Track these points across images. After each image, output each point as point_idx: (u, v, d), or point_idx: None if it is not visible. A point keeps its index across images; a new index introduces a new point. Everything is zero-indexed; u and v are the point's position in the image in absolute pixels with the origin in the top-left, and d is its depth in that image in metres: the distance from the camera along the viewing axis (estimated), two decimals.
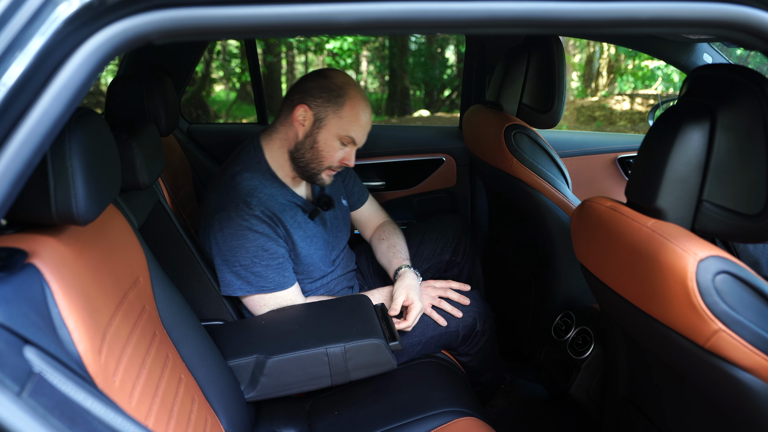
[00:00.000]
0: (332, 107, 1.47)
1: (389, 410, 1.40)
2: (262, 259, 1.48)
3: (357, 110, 1.48)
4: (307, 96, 1.48)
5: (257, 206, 1.48)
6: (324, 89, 1.47)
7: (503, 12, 0.66)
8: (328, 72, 1.51)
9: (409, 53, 10.10)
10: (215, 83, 10.15)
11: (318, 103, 1.48)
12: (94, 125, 0.86)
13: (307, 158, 1.52)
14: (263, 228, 1.48)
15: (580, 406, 1.58)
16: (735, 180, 0.91)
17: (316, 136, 1.49)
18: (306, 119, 1.49)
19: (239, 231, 1.46)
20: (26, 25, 0.60)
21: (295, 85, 1.54)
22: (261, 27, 0.64)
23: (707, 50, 2.07)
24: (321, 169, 1.54)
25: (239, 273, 1.49)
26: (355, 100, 1.48)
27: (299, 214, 1.58)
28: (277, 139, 1.56)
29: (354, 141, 1.51)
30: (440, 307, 1.62)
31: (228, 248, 1.47)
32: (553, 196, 1.70)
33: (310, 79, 1.51)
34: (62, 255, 0.82)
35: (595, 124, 8.53)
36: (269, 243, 1.49)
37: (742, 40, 0.73)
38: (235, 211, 1.46)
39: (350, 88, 1.49)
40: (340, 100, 1.47)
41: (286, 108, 1.54)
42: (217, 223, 1.48)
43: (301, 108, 1.48)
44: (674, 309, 0.90)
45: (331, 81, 1.48)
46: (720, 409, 0.99)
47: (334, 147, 1.50)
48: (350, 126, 1.48)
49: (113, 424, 0.64)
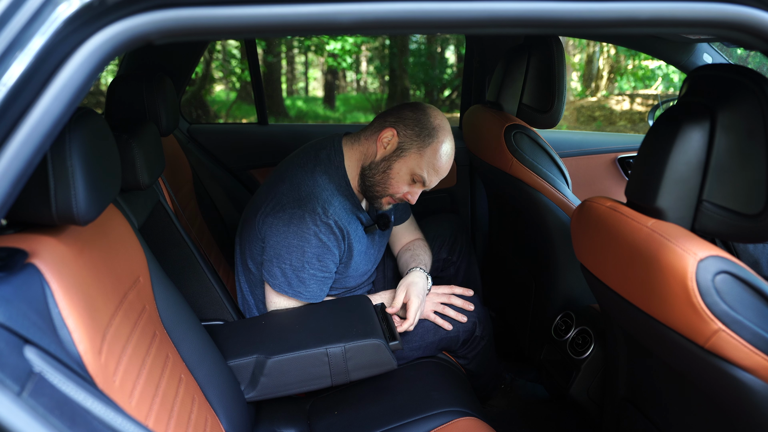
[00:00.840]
0: (418, 143, 1.47)
1: (389, 410, 1.40)
2: (313, 266, 1.49)
3: (439, 155, 1.48)
4: (401, 123, 1.48)
5: (332, 215, 1.48)
6: (418, 123, 1.47)
7: (503, 12, 0.66)
8: (429, 109, 1.51)
9: (409, 53, 10.10)
10: (215, 83, 10.16)
11: (407, 134, 1.47)
12: (94, 125, 0.86)
13: (375, 179, 1.52)
14: (329, 239, 1.48)
15: (580, 406, 1.58)
16: (735, 180, 0.91)
17: (392, 162, 1.49)
18: (390, 143, 1.49)
19: (306, 233, 1.46)
20: (26, 25, 0.60)
21: (394, 108, 1.54)
22: (261, 27, 0.64)
23: (707, 50, 2.08)
24: (384, 194, 1.53)
25: (286, 271, 1.49)
26: (442, 145, 1.48)
27: (359, 227, 1.59)
28: (358, 150, 1.55)
29: (424, 182, 1.51)
30: (444, 313, 1.63)
31: (286, 244, 1.47)
32: (553, 196, 1.70)
33: (409, 108, 1.51)
34: (62, 255, 0.82)
35: (595, 124, 8.54)
36: (326, 255, 1.49)
37: (742, 40, 0.73)
38: (310, 213, 1.46)
39: (442, 132, 1.48)
40: (429, 140, 1.47)
41: (376, 125, 1.53)
42: (287, 217, 1.47)
43: (390, 131, 1.48)
44: (674, 309, 0.90)
45: (429, 119, 1.48)
46: (720, 409, 0.99)
47: (404, 179, 1.50)
48: (427, 167, 1.48)
49: (113, 424, 0.64)
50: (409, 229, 1.89)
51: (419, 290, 1.57)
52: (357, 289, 1.70)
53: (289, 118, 9.92)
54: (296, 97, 12.45)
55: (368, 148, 1.53)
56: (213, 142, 2.51)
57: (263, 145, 2.56)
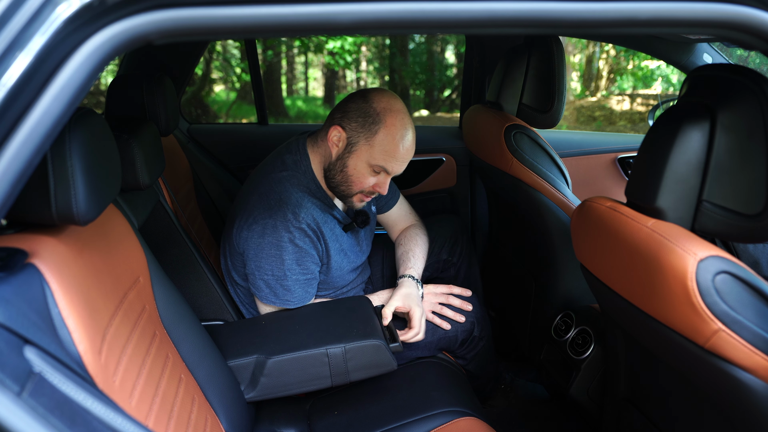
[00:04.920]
0: (364, 134, 1.41)
1: (389, 410, 1.40)
2: (294, 272, 1.48)
3: (391, 140, 1.40)
4: (345, 117, 1.43)
5: (304, 219, 1.45)
6: (361, 113, 1.41)
7: (503, 12, 0.66)
8: (371, 94, 1.44)
9: (409, 53, 10.10)
10: (215, 83, 10.15)
11: (352, 127, 1.42)
12: (94, 125, 0.86)
13: (337, 180, 1.49)
14: (305, 242, 1.47)
15: (580, 406, 1.58)
16: (735, 180, 0.91)
17: (346, 160, 1.45)
18: (340, 141, 1.44)
19: (281, 242, 1.45)
20: (26, 25, 0.60)
21: (341, 102, 1.48)
22: (261, 27, 0.64)
23: (707, 50, 2.07)
24: (351, 193, 1.50)
25: (269, 282, 1.49)
26: (391, 128, 1.40)
27: (336, 226, 1.57)
28: (318, 152, 1.52)
29: (386, 171, 1.45)
30: (442, 313, 1.62)
31: (265, 256, 1.46)
32: (553, 196, 1.70)
33: (352, 99, 1.45)
34: (62, 255, 0.82)
35: (595, 124, 8.54)
36: (305, 258, 1.48)
37: (742, 40, 0.73)
38: (281, 221, 1.44)
39: (389, 115, 1.40)
40: (375, 127, 1.40)
41: (327, 124, 1.49)
42: (260, 229, 1.45)
43: (336, 129, 1.44)
44: (674, 309, 0.90)
45: (371, 105, 1.41)
46: (720, 408, 0.99)
47: (364, 174, 1.45)
48: (381, 156, 1.42)
49: (113, 424, 0.64)
50: (402, 215, 1.84)
51: (416, 299, 1.56)
52: (350, 288, 1.69)
53: (289, 118, 9.92)
54: (296, 97, 12.45)
55: (325, 150, 1.50)
56: (213, 142, 2.51)
57: (263, 145, 2.56)
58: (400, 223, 1.84)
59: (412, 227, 1.82)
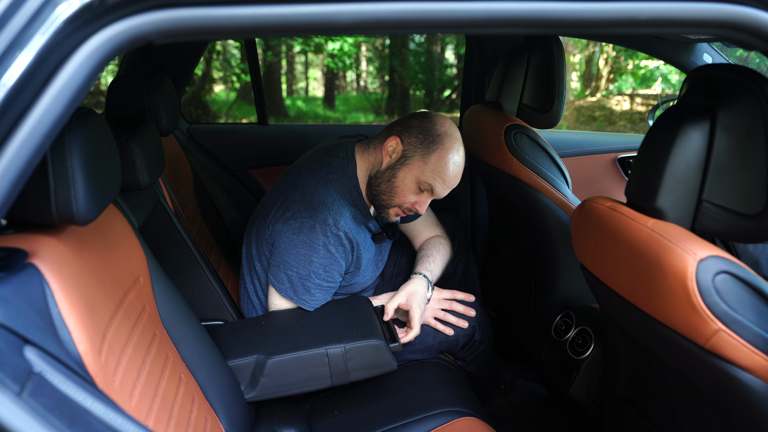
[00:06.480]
0: (421, 150, 1.46)
1: (389, 410, 1.40)
2: (319, 276, 1.49)
3: (444, 162, 1.46)
4: (405, 131, 1.48)
5: (343, 227, 1.47)
6: (422, 131, 1.47)
7: (503, 12, 0.66)
8: (435, 117, 1.51)
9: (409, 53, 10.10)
10: (215, 83, 10.15)
11: (411, 142, 1.47)
12: (94, 125, 0.86)
13: (381, 188, 1.51)
14: (338, 250, 1.48)
15: (580, 406, 1.58)
16: (735, 180, 0.91)
17: (396, 171, 1.48)
18: (395, 152, 1.49)
19: (314, 243, 1.46)
20: (26, 25, 0.60)
21: (403, 117, 1.54)
22: (261, 27, 0.64)
23: (707, 50, 2.07)
24: (391, 204, 1.52)
25: (292, 278, 1.49)
26: (447, 152, 1.46)
27: (368, 236, 1.59)
28: (368, 159, 1.55)
29: (432, 190, 1.49)
30: (445, 319, 1.62)
31: (294, 252, 1.47)
32: (553, 196, 1.70)
33: (415, 117, 1.51)
34: (62, 255, 0.82)
35: (595, 124, 8.54)
36: (333, 266, 1.49)
37: (742, 40, 0.73)
38: (320, 223, 1.45)
39: (448, 139, 1.47)
40: (433, 146, 1.45)
41: (384, 134, 1.53)
42: (297, 225, 1.46)
43: (394, 140, 1.48)
44: (674, 309, 0.90)
45: (434, 126, 1.47)
46: (720, 409, 0.99)
47: (410, 188, 1.49)
48: (432, 174, 1.46)
49: (113, 424, 0.64)
50: (426, 226, 1.87)
51: (420, 299, 1.56)
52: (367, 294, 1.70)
53: (289, 118, 9.92)
54: (296, 97, 12.45)
55: (376, 157, 1.53)
56: (213, 142, 2.51)
57: (263, 145, 2.56)
58: (423, 233, 1.86)
59: (438, 237, 1.84)
